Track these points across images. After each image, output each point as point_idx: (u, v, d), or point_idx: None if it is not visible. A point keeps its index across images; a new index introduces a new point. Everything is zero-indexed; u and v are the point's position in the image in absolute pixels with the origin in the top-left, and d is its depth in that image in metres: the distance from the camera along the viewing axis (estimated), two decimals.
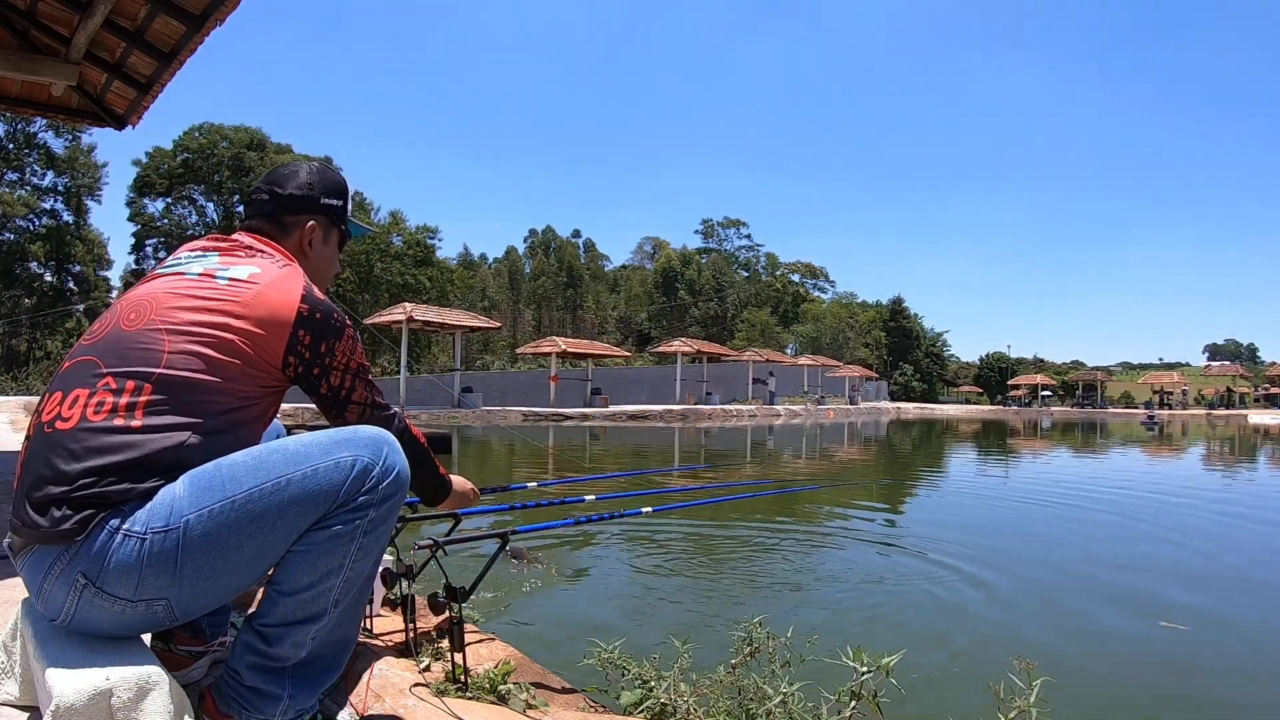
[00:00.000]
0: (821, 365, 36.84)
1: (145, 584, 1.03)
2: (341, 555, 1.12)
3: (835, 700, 1.51)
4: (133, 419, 1.06)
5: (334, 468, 1.10)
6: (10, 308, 30.81)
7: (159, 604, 1.06)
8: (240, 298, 1.15)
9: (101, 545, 1.02)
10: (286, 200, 1.34)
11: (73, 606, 1.05)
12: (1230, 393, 40.50)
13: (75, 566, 1.03)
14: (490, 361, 40.88)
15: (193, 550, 1.04)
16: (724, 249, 66.35)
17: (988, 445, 16.17)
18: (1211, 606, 3.50)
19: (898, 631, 2.91)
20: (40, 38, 4.36)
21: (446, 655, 1.51)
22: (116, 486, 1.03)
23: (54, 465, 1.04)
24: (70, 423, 1.06)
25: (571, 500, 2.52)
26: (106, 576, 1.02)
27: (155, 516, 1.04)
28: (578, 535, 4.50)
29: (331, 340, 1.21)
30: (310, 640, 1.13)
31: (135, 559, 1.02)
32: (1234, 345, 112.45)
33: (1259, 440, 18.65)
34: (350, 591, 1.15)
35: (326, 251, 1.43)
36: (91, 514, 1.02)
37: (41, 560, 1.05)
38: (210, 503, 1.05)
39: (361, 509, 1.12)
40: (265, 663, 1.12)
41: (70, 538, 1.02)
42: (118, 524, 1.03)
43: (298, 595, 1.11)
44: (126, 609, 1.05)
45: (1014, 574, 4.01)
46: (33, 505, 1.04)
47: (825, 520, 5.55)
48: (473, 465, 9.59)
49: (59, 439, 1.05)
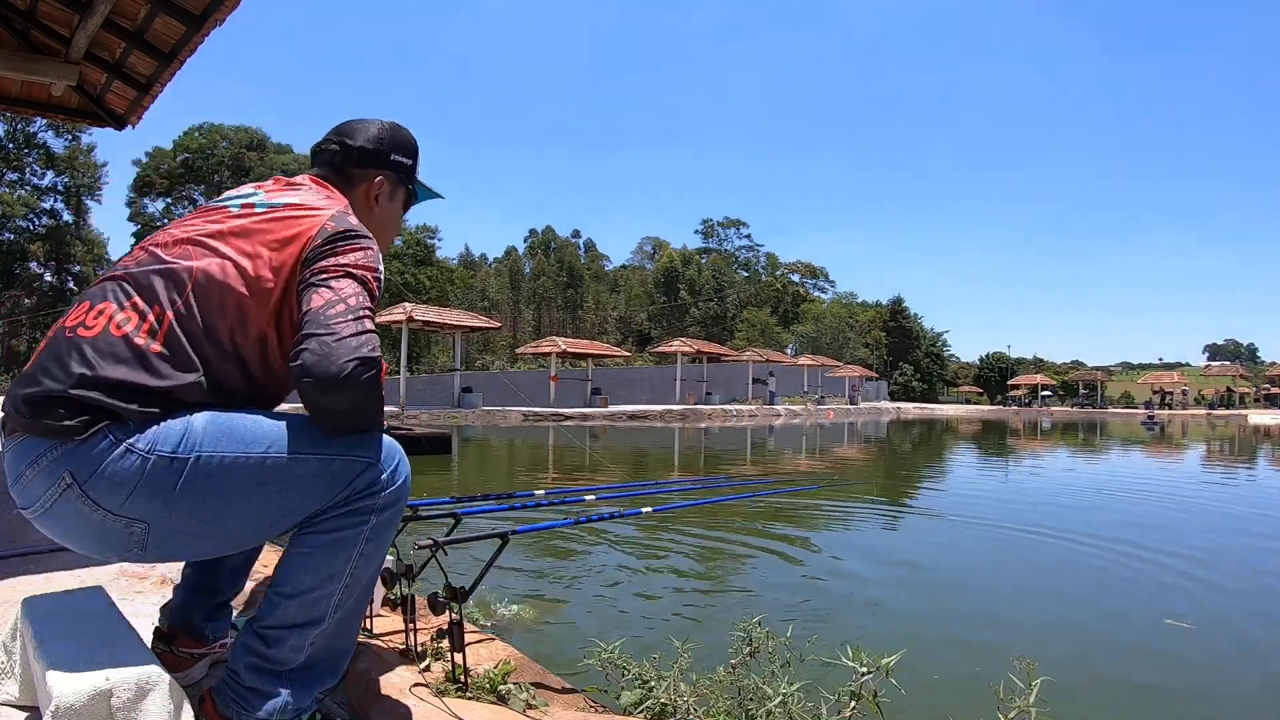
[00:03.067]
0: (821, 365, 36.83)
1: (134, 502, 1.02)
2: (344, 560, 1.12)
3: (835, 700, 1.51)
4: (154, 341, 1.06)
5: (350, 464, 1.11)
6: (10, 308, 30.82)
7: (138, 527, 1.04)
8: (274, 223, 1.15)
9: (100, 452, 1.01)
10: (356, 152, 1.33)
11: (49, 503, 1.03)
12: (1230, 393, 40.48)
13: (64, 464, 1.01)
14: (490, 361, 40.86)
15: (194, 486, 1.03)
16: (724, 249, 66.34)
17: (988, 445, 16.17)
18: (1218, 606, 3.49)
19: (898, 631, 2.91)
20: (40, 38, 4.36)
21: (446, 655, 1.51)
22: (127, 404, 1.02)
23: (67, 366, 1.03)
24: (93, 331, 1.06)
25: (571, 500, 2.51)
26: (96, 482, 1.01)
27: (164, 440, 1.03)
28: (578, 535, 4.50)
29: (345, 245, 1.14)
30: (309, 645, 1.13)
31: (132, 474, 1.01)
32: (1234, 345, 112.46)
33: (1259, 440, 18.65)
34: (350, 598, 1.16)
35: (392, 209, 1.39)
36: (95, 419, 1.01)
37: (29, 449, 1.04)
38: (227, 449, 1.05)
39: (364, 514, 1.12)
40: (264, 665, 1.12)
41: (69, 435, 1.01)
42: (121, 436, 1.02)
43: (299, 598, 1.12)
44: (105, 520, 1.03)
45: (1015, 573, 4.01)
46: (35, 398, 1.03)
47: (825, 520, 5.55)
48: (473, 465, 9.59)
49: (79, 343, 1.05)
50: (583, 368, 27.34)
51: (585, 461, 10.16)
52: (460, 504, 2.11)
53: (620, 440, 14.54)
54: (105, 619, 1.25)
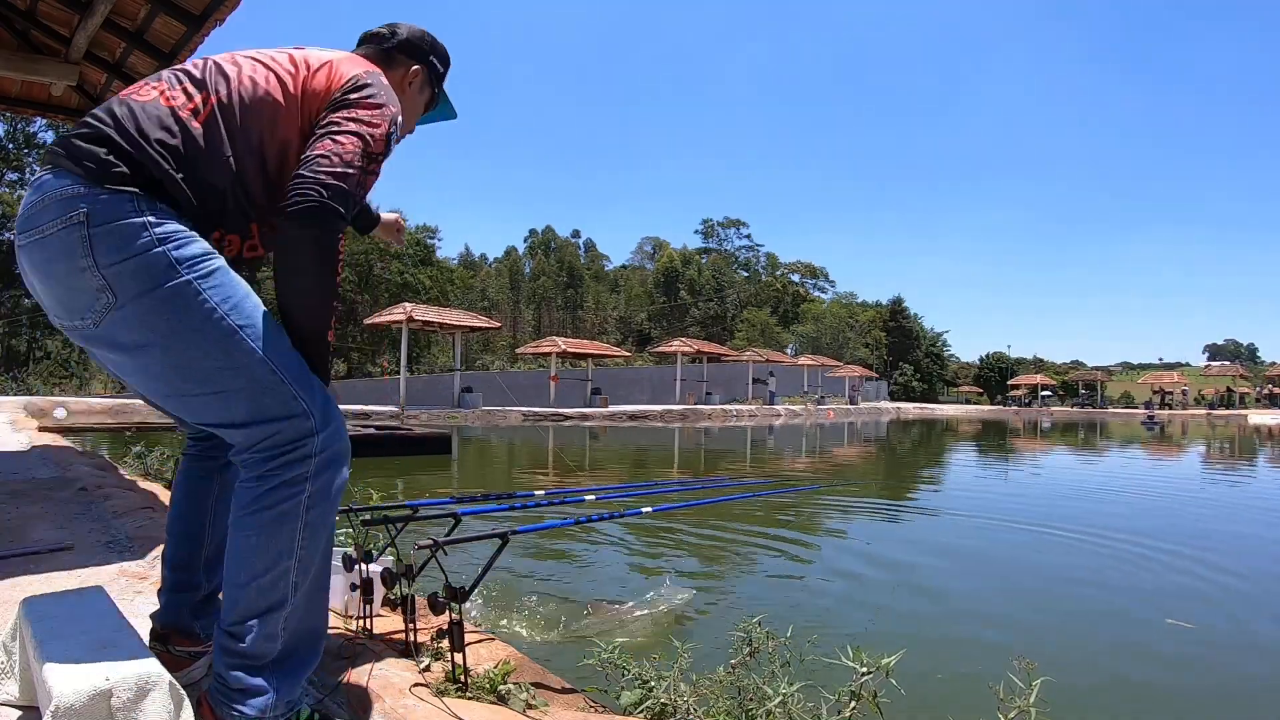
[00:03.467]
0: (821, 365, 36.81)
1: (121, 270, 1.07)
2: (289, 535, 1.12)
3: (835, 700, 1.51)
4: (195, 120, 1.16)
5: (288, 401, 1.13)
6: (10, 308, 30.80)
7: (106, 297, 1.08)
8: (310, 64, 1.27)
9: (122, 210, 1.08)
10: (404, 42, 1.46)
11: (51, 230, 1.08)
12: (1230, 393, 40.47)
13: (85, 202, 1.08)
14: (490, 361, 40.86)
15: (170, 300, 1.09)
16: (724, 249, 66.34)
17: (988, 445, 16.17)
18: (1220, 605, 3.49)
19: (898, 631, 2.91)
20: (40, 38, 4.36)
21: (446, 655, 1.51)
22: (164, 167, 1.12)
23: (116, 115, 1.13)
24: (145, 99, 1.17)
25: (571, 500, 2.51)
26: (104, 232, 1.07)
27: (179, 246, 1.11)
28: (578, 535, 4.50)
29: (366, 98, 1.24)
30: (282, 631, 1.13)
31: (137, 246, 1.08)
32: (1234, 345, 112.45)
33: (1261, 440, 18.65)
34: (309, 574, 1.15)
35: (420, 100, 1.52)
36: (130, 178, 1.10)
37: (58, 180, 1.10)
38: (215, 298, 1.11)
39: (298, 482, 1.13)
40: (243, 662, 1.11)
41: (104, 172, 1.09)
42: (145, 209, 1.10)
43: (255, 584, 1.11)
44: (86, 272, 1.07)
45: (1016, 572, 4.01)
46: (82, 135, 1.11)
47: (825, 520, 5.55)
48: (473, 465, 9.60)
49: (130, 103, 1.16)
50: (583, 368, 27.34)
51: (585, 462, 10.16)
52: (460, 504, 2.12)
53: (620, 440, 14.54)
54: (105, 619, 1.25)
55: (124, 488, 3.49)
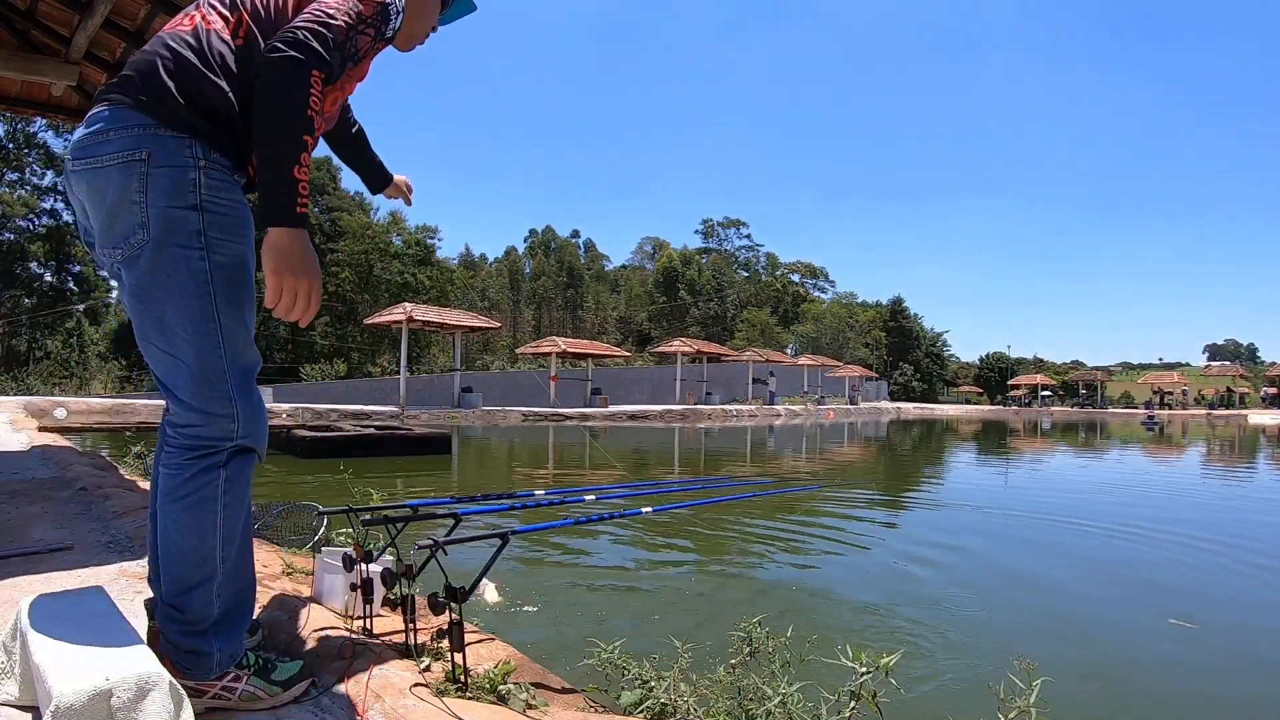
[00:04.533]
0: (821, 365, 36.81)
1: (162, 214, 1.19)
2: (211, 515, 1.26)
3: (835, 700, 1.51)
4: (237, 39, 1.26)
5: (225, 400, 1.25)
6: (10, 308, 30.80)
7: (143, 233, 1.19)
8: None
9: (180, 156, 1.20)
10: None
11: (112, 161, 1.19)
12: (1230, 393, 40.46)
13: (150, 144, 1.18)
14: (490, 361, 40.85)
15: (182, 260, 1.20)
16: (724, 249, 66.32)
17: (988, 445, 16.17)
18: (1224, 604, 3.49)
19: (898, 631, 2.91)
20: (40, 38, 4.36)
21: (446, 655, 1.51)
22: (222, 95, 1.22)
23: (176, 51, 1.22)
24: (189, 27, 1.26)
25: (571, 500, 2.51)
26: (161, 173, 1.19)
27: (211, 215, 1.22)
28: (578, 535, 4.50)
29: None
30: (216, 598, 1.27)
31: (182, 199, 1.19)
32: (1234, 345, 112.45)
33: (1264, 440, 18.64)
34: (233, 547, 1.29)
35: (431, 2, 1.56)
36: (197, 121, 1.21)
37: (116, 114, 1.20)
38: (216, 284, 1.22)
39: (213, 469, 1.26)
40: (189, 628, 1.26)
41: (173, 112, 1.19)
42: (201, 157, 1.21)
43: (186, 559, 1.25)
44: (135, 205, 1.18)
45: (1017, 571, 4.01)
46: (146, 75, 1.21)
47: (825, 520, 5.54)
48: (473, 465, 9.59)
49: (175, 34, 1.25)
50: (583, 368, 27.34)
51: (585, 461, 10.16)
52: (460, 504, 2.12)
53: (620, 440, 14.54)
54: (105, 619, 1.25)
55: (124, 488, 3.49)
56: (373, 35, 1.28)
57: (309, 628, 1.64)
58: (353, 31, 1.23)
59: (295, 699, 1.35)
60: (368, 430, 9.86)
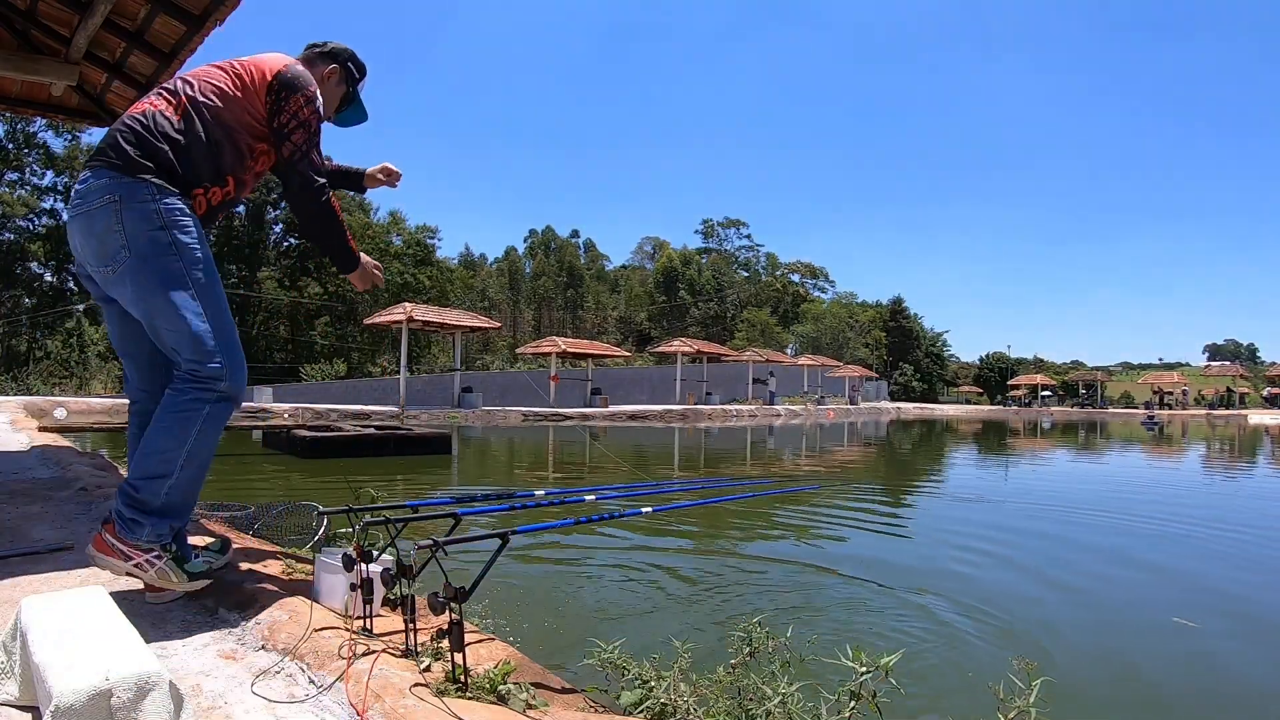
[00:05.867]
0: (821, 365, 36.80)
1: (138, 238, 1.68)
2: (188, 429, 1.71)
3: (835, 700, 1.51)
4: (174, 115, 1.77)
5: (212, 353, 1.72)
6: (10, 308, 30.79)
7: (124, 253, 1.68)
8: (245, 63, 1.86)
9: (141, 193, 1.69)
10: (328, 51, 2.07)
11: (95, 205, 1.69)
12: (1230, 393, 40.45)
13: (118, 189, 1.68)
14: (490, 361, 40.84)
15: (163, 267, 1.70)
16: (724, 249, 66.32)
17: (988, 445, 16.17)
18: (1227, 604, 3.49)
19: (898, 631, 2.91)
20: (40, 38, 4.36)
21: (446, 655, 1.51)
22: (165, 151, 1.72)
23: (131, 127, 1.74)
24: (140, 110, 1.78)
25: (572, 500, 2.51)
26: (130, 207, 1.68)
27: (177, 229, 1.71)
28: (578, 535, 4.50)
29: (291, 93, 1.84)
30: (164, 494, 1.70)
31: (150, 224, 1.69)
32: (1234, 345, 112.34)
33: (1268, 440, 18.64)
34: (193, 462, 1.73)
35: (336, 92, 2.10)
36: (151, 169, 1.71)
37: (101, 173, 1.71)
38: (192, 277, 1.72)
39: (203, 401, 1.71)
40: (135, 504, 1.70)
41: (131, 164, 1.69)
42: (159, 194, 1.71)
43: (156, 455, 1.70)
44: (113, 231, 1.68)
45: (1017, 570, 4.01)
46: (112, 145, 1.72)
47: (825, 519, 5.55)
48: (473, 465, 9.59)
49: (131, 115, 1.77)
50: (583, 368, 27.34)
51: (586, 460, 10.16)
52: (460, 504, 2.11)
53: (620, 440, 14.54)
54: (105, 619, 1.25)
55: None
56: (319, 130, 1.92)
57: (309, 628, 1.64)
58: (312, 145, 1.88)
59: (193, 589, 1.79)
60: (368, 430, 9.86)
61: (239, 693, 1.38)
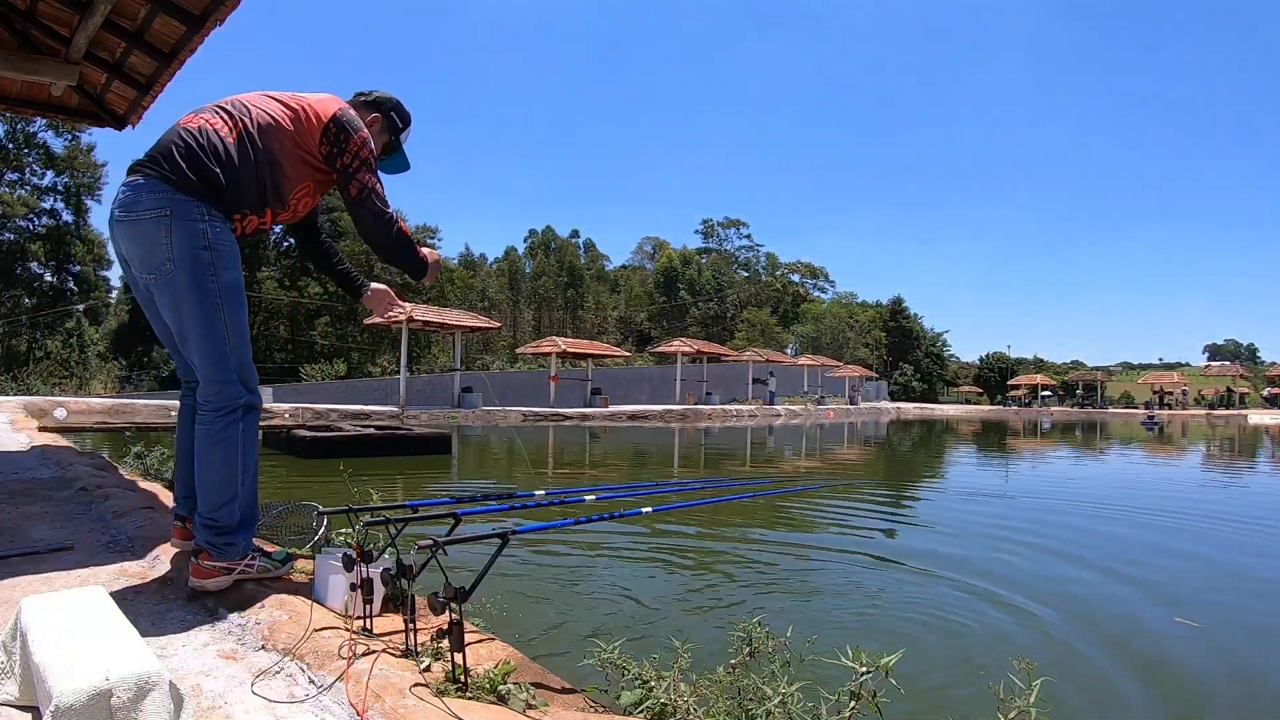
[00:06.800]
0: (821, 365, 36.79)
1: (183, 255, 1.76)
2: (234, 453, 1.85)
3: (835, 700, 1.51)
4: (229, 137, 1.83)
5: (232, 374, 1.84)
6: (10, 308, 30.80)
7: (169, 265, 1.77)
8: (302, 100, 1.94)
9: (192, 212, 1.77)
10: (374, 100, 2.16)
11: (145, 216, 1.76)
12: (1230, 393, 40.44)
13: (170, 204, 1.75)
14: (490, 361, 40.84)
15: (199, 284, 1.79)
16: (724, 249, 66.30)
17: (988, 445, 16.17)
18: (1229, 604, 3.48)
19: (898, 631, 2.91)
20: (40, 38, 4.36)
21: (446, 655, 1.51)
22: (215, 172, 1.79)
23: (187, 142, 1.79)
24: (196, 125, 1.82)
25: (572, 500, 2.51)
26: (180, 224, 1.76)
27: (218, 253, 1.80)
28: (578, 535, 4.50)
29: (350, 134, 1.92)
30: (238, 510, 1.87)
31: (195, 243, 1.77)
32: (1234, 345, 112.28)
33: (1269, 440, 18.64)
34: (249, 473, 1.90)
35: (379, 140, 2.15)
36: (201, 189, 1.77)
37: (154, 185, 1.76)
38: (224, 300, 1.82)
39: (234, 422, 1.85)
40: (219, 530, 1.84)
41: (183, 181, 1.75)
42: (207, 214, 1.79)
43: (215, 487, 1.84)
44: (160, 244, 1.76)
45: (1018, 570, 4.00)
46: (164, 156, 1.77)
47: (825, 519, 5.54)
48: (473, 465, 9.59)
49: (187, 128, 1.82)
50: (583, 368, 27.34)
51: (585, 459, 10.15)
52: (460, 504, 2.11)
53: (620, 440, 14.54)
54: (105, 619, 1.25)
55: (124, 488, 3.48)
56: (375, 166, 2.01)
57: (309, 628, 1.64)
58: (377, 179, 1.99)
59: (289, 570, 2.02)
60: (368, 430, 9.85)
61: (239, 693, 1.38)
